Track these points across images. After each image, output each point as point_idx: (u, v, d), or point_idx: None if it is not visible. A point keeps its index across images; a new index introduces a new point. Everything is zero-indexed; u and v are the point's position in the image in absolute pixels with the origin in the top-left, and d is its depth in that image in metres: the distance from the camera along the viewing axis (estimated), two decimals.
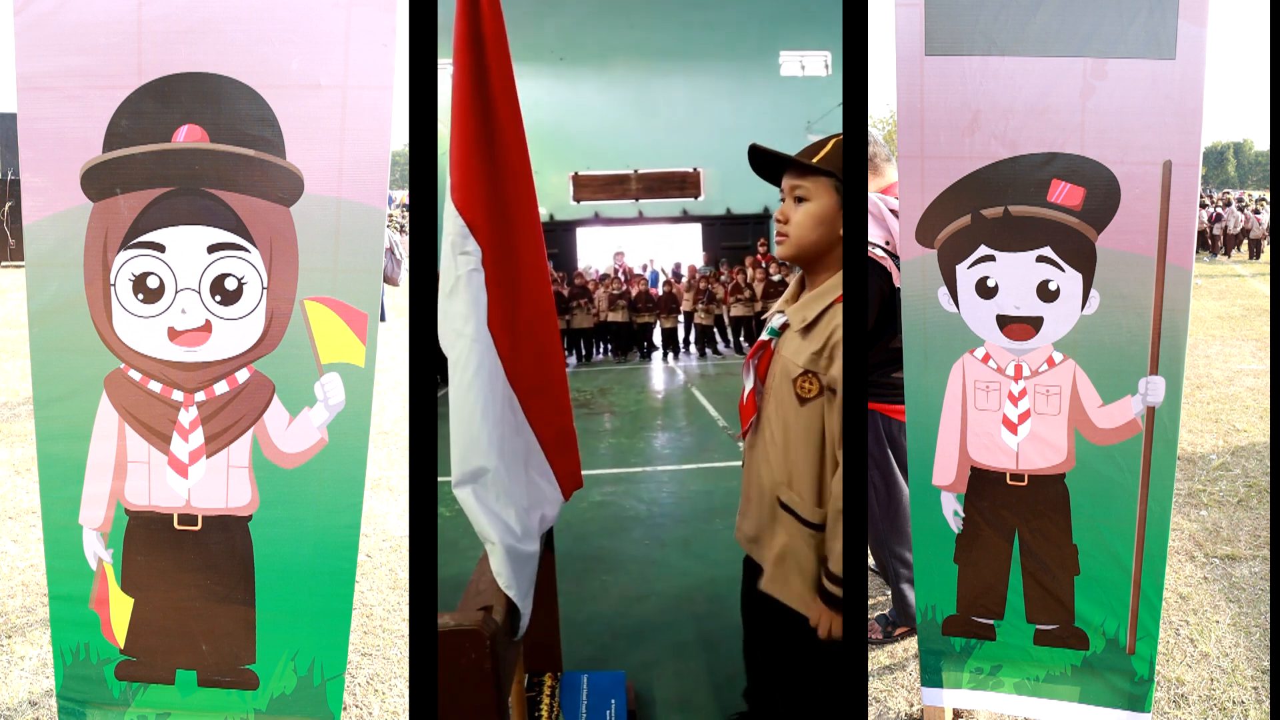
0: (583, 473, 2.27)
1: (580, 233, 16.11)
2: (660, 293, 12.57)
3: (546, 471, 2.09)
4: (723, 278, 12.75)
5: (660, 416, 7.87)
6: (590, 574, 3.69)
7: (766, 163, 1.83)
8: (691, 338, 12.53)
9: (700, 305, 12.22)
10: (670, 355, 12.05)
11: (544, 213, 14.88)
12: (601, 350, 12.49)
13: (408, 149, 1.78)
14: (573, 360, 11.78)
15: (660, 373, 10.80)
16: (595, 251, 15.53)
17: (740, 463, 2.01)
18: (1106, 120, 1.73)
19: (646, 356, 12.20)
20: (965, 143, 1.79)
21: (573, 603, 3.24)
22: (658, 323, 12.38)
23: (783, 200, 1.81)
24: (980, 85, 1.76)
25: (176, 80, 1.60)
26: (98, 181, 1.62)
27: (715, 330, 12.46)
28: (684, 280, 13.04)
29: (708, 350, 12.24)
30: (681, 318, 12.57)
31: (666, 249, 15.55)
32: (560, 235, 15.55)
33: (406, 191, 2.82)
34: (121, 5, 1.59)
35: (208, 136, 1.61)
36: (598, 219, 16.04)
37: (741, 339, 12.22)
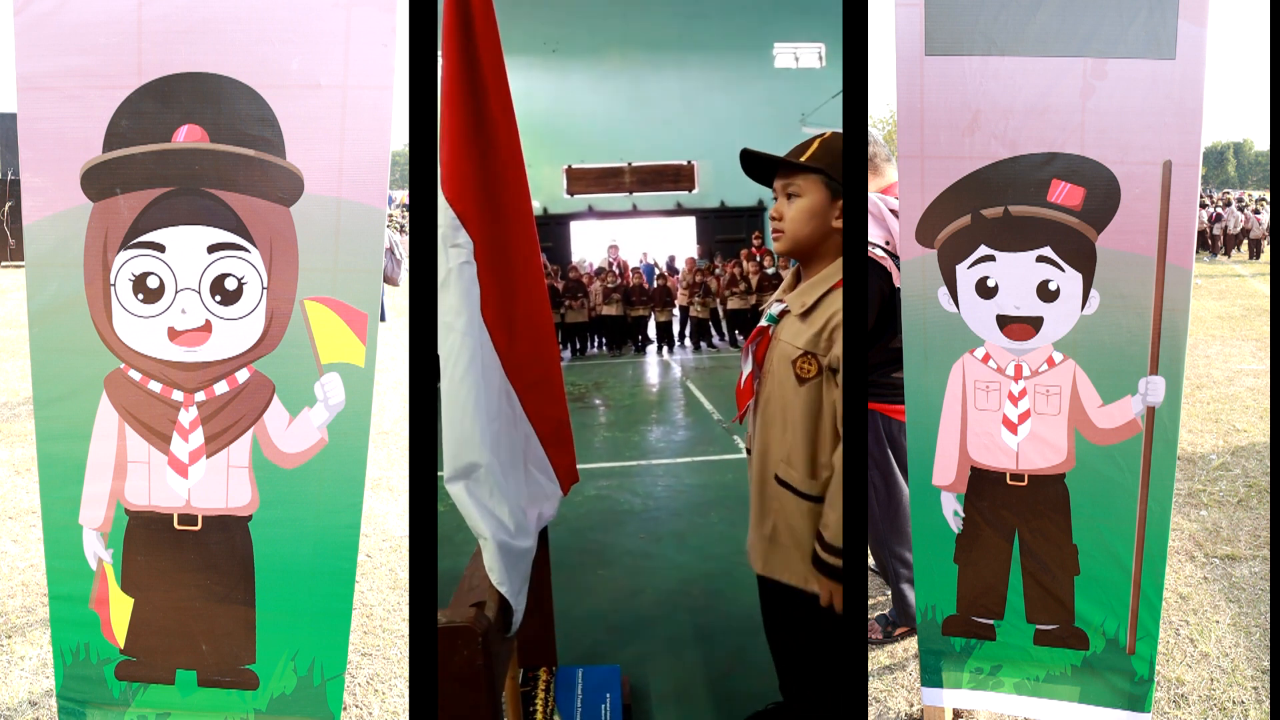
0: (577, 467, 2.27)
1: (574, 226, 16.09)
2: (653, 286, 12.58)
3: (546, 467, 2.10)
4: (717, 270, 12.75)
5: (655, 410, 7.88)
6: (585, 568, 3.69)
7: (758, 165, 1.92)
8: (686, 331, 12.53)
9: (696, 298, 12.22)
10: (665, 349, 12.06)
11: (537, 206, 14.90)
12: (595, 344, 12.49)
13: (408, 149, 1.78)
14: (566, 354, 11.78)
15: (655, 367, 10.81)
16: (589, 245, 15.50)
17: (736, 455, 2.04)
18: (1106, 120, 1.73)
19: (641, 350, 12.21)
20: (965, 143, 1.79)
21: (568, 597, 3.24)
22: (652, 316, 12.38)
23: (776, 199, 1.91)
24: (980, 85, 1.76)
25: (176, 80, 1.60)
26: (98, 181, 1.62)
27: (710, 324, 12.47)
28: (680, 274, 13.04)
29: (702, 344, 12.25)
30: (677, 311, 12.57)
31: (661, 242, 15.54)
32: (554, 229, 15.53)
33: (406, 191, 2.82)
34: (121, 5, 1.59)
35: (208, 136, 1.61)
36: (591, 212, 16.01)
37: (737, 334, 12.21)
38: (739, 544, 1.99)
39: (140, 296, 1.66)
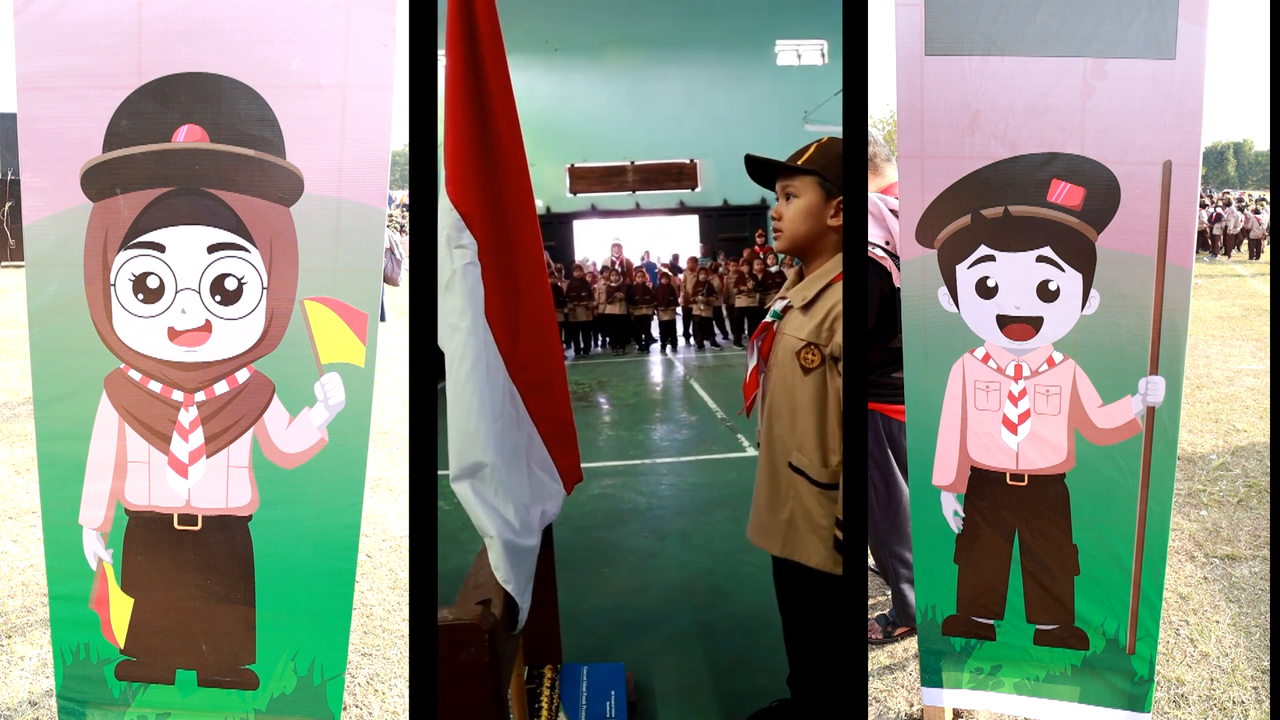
0: (581, 465, 2.28)
1: (577, 225, 16.08)
2: (656, 285, 12.58)
3: (549, 466, 2.10)
4: (720, 269, 12.76)
5: (659, 409, 7.88)
6: (590, 566, 3.70)
7: (761, 168, 2.02)
8: (690, 330, 12.52)
9: (699, 297, 12.22)
10: (668, 348, 12.07)
11: (540, 205, 14.88)
12: (599, 343, 12.50)
13: (408, 149, 1.78)
14: (570, 353, 11.80)
15: (658, 365, 10.81)
16: (592, 244, 15.48)
17: (740, 453, 2.07)
18: (1106, 120, 1.73)
19: (644, 349, 12.21)
20: (965, 143, 1.79)
21: (572, 595, 3.24)
22: (655, 315, 12.39)
23: (778, 200, 2.00)
24: (980, 85, 1.76)
25: (176, 80, 1.60)
26: (98, 181, 1.62)
27: (713, 322, 12.47)
28: (682, 273, 13.04)
29: (706, 342, 12.25)
30: (680, 310, 12.56)
31: (664, 241, 15.55)
32: (557, 228, 15.52)
33: (406, 191, 2.82)
34: (121, 5, 1.59)
35: (208, 136, 1.61)
36: (594, 211, 16.01)
37: (744, 332, 12.22)
38: (743, 542, 2.00)
39: (140, 296, 1.66)
